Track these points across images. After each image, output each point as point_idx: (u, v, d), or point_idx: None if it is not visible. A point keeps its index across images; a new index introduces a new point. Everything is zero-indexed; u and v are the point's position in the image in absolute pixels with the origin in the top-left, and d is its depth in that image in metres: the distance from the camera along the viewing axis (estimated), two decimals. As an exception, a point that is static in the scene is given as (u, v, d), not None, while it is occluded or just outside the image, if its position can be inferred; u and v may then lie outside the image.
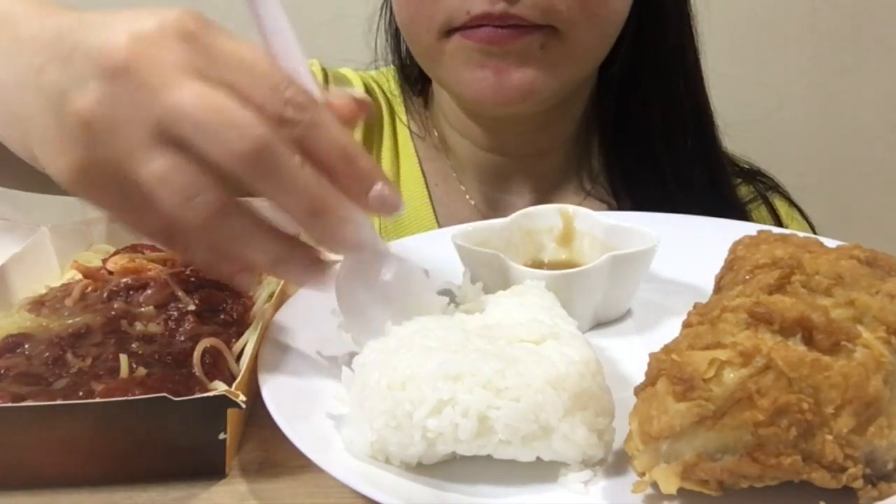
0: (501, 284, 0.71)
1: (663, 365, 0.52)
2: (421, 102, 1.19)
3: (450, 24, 0.93)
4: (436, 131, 1.17)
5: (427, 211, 1.13)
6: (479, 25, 0.91)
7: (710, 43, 1.10)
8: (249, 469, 0.60)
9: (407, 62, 1.15)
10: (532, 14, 0.90)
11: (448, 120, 1.14)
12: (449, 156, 1.16)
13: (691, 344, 0.53)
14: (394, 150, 1.16)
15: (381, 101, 1.18)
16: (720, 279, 0.65)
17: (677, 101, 1.08)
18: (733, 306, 0.55)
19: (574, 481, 0.54)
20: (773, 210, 1.15)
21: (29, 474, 0.58)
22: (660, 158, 1.08)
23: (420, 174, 1.15)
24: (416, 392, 0.53)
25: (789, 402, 0.48)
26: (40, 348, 0.64)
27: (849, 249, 0.61)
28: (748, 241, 0.65)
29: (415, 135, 1.17)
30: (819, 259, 0.59)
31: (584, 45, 0.96)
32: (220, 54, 0.54)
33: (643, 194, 1.07)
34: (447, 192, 1.15)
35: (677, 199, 1.00)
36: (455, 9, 0.91)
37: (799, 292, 0.56)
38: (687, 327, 0.56)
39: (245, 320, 0.69)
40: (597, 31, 0.96)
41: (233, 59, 0.54)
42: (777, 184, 1.19)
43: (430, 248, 0.83)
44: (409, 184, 1.14)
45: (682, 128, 1.08)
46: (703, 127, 1.10)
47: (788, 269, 0.58)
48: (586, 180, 1.13)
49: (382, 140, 1.16)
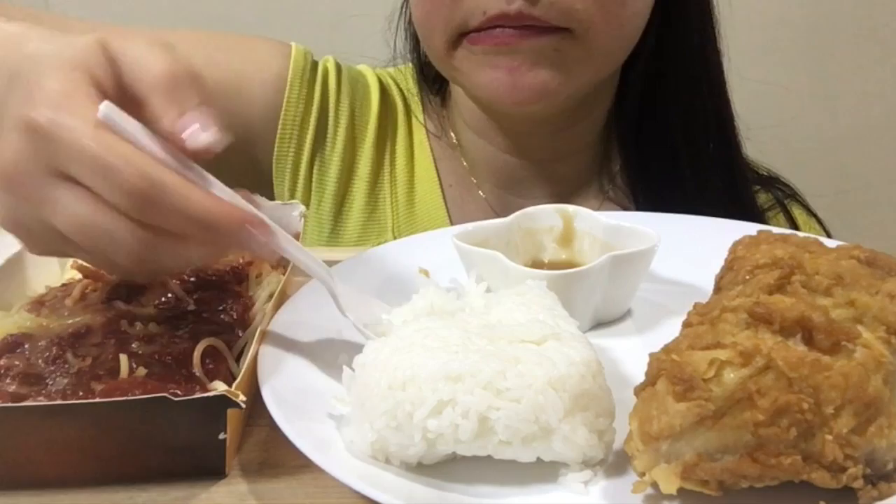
0: (501, 284, 0.71)
1: (663, 365, 0.52)
2: (438, 102, 1.18)
3: (466, 26, 0.92)
4: (452, 132, 1.16)
5: (441, 212, 1.12)
6: (493, 27, 0.91)
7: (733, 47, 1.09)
8: (249, 469, 0.60)
9: (425, 61, 1.14)
10: (549, 15, 0.89)
11: (465, 121, 1.13)
12: (465, 157, 1.15)
13: (691, 344, 0.53)
14: (409, 148, 1.16)
15: (397, 99, 1.17)
16: (720, 279, 0.65)
17: (699, 104, 1.07)
18: (733, 306, 0.55)
19: (574, 481, 0.54)
20: (791, 218, 1.14)
21: (29, 474, 0.58)
22: (680, 162, 1.07)
23: (435, 174, 1.14)
24: (416, 393, 0.53)
25: (789, 402, 0.48)
26: (40, 348, 0.64)
27: (849, 249, 0.61)
28: (748, 241, 0.65)
29: (431, 134, 1.16)
30: (819, 259, 0.59)
31: (601, 49, 0.95)
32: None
33: (663, 197, 1.06)
34: (462, 193, 1.14)
35: (697, 203, 0.99)
36: (472, 9, 0.91)
37: (799, 292, 0.56)
38: (687, 327, 0.56)
39: (245, 320, 0.69)
40: (614, 34, 0.95)
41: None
42: (795, 192, 1.17)
43: (430, 248, 0.83)
44: (423, 183, 1.14)
45: (704, 131, 1.07)
46: (725, 131, 1.09)
47: (788, 269, 0.58)
48: (606, 183, 1.12)
49: (397, 138, 1.16)
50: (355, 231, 1.11)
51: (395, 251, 0.84)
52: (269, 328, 0.68)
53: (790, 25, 1.75)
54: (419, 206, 1.12)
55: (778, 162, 1.20)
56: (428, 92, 1.17)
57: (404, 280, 0.80)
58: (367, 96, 1.14)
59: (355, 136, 1.12)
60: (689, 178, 1.07)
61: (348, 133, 1.11)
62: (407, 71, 1.20)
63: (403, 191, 1.13)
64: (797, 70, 1.76)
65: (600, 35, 0.92)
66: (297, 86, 1.08)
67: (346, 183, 1.11)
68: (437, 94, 1.18)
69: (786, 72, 1.75)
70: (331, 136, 1.11)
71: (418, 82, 1.17)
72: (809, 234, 0.78)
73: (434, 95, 1.17)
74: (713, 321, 0.54)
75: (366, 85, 1.16)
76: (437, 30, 0.95)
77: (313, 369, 0.65)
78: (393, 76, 1.20)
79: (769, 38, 1.74)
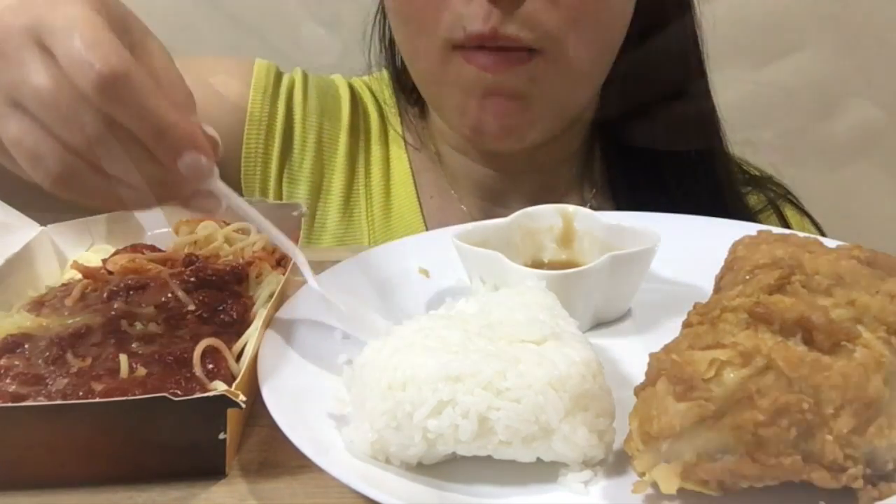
0: (501, 284, 0.71)
1: (663, 365, 0.52)
2: (416, 112, 1.16)
3: (450, 43, 0.91)
4: (431, 144, 1.15)
5: (418, 224, 1.11)
6: (477, 47, 0.90)
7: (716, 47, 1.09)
8: (249, 469, 0.60)
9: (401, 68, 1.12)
10: (522, 33, 0.88)
11: (443, 134, 1.12)
12: (445, 169, 1.14)
13: (691, 344, 0.53)
14: (385, 160, 1.14)
15: (371, 109, 1.16)
16: (720, 279, 0.65)
17: (679, 108, 1.06)
18: (733, 306, 0.55)
19: (574, 481, 0.54)
20: (784, 219, 1.13)
21: (29, 474, 0.58)
22: (663, 169, 1.06)
23: (412, 186, 1.13)
24: (416, 393, 0.53)
25: (789, 402, 0.48)
26: (40, 348, 0.64)
27: (849, 250, 0.61)
28: (748, 241, 0.65)
29: (409, 146, 1.15)
30: (819, 259, 0.59)
31: (578, 69, 0.94)
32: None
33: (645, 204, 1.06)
34: (442, 205, 1.13)
35: (682, 208, 0.99)
36: (452, 25, 0.90)
37: (799, 292, 0.56)
38: (687, 327, 0.56)
39: (245, 320, 0.69)
40: (589, 51, 0.94)
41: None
42: (788, 191, 1.16)
43: (430, 248, 0.83)
44: (400, 196, 1.13)
45: (685, 135, 1.06)
46: (709, 137, 1.09)
47: (788, 269, 0.58)
48: (587, 191, 1.11)
49: (371, 149, 1.14)
50: (331, 245, 1.10)
51: (395, 251, 0.84)
52: (269, 328, 0.68)
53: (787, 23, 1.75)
54: (395, 219, 1.11)
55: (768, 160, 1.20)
56: (406, 102, 1.15)
57: (404, 280, 0.80)
58: (337, 107, 1.13)
59: (325, 149, 1.11)
60: (673, 183, 1.06)
61: (317, 147, 1.11)
62: (383, 79, 1.18)
63: (379, 203, 1.12)
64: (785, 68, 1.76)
65: (574, 54, 0.92)
66: (259, 103, 1.07)
67: (317, 198, 1.10)
68: (415, 105, 1.16)
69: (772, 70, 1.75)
70: (298, 151, 1.10)
71: (395, 92, 1.15)
72: (809, 235, 0.78)
73: (412, 106, 1.16)
74: (713, 321, 0.54)
75: (336, 96, 1.14)
76: (422, 51, 0.95)
77: (313, 369, 0.65)
78: (368, 84, 1.18)
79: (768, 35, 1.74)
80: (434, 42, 0.92)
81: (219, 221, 0.85)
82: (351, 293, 0.77)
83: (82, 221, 0.87)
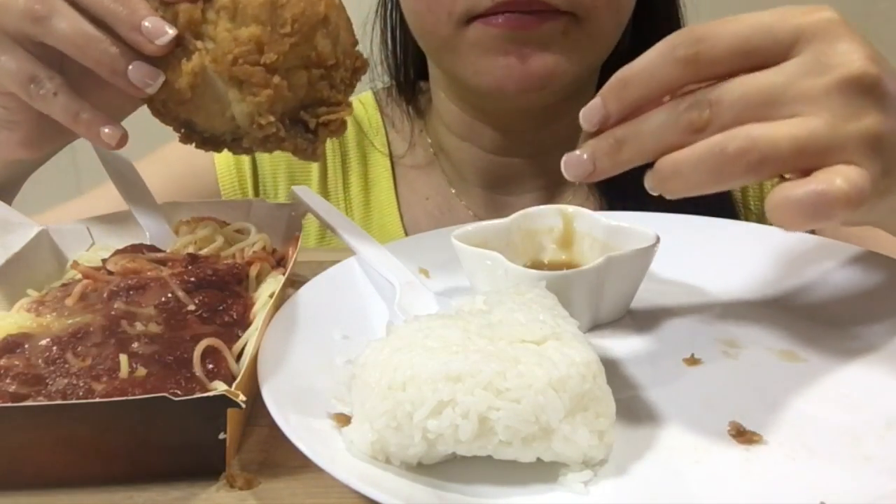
0: (501, 285, 0.71)
1: None
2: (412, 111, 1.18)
3: (471, 13, 0.93)
4: (430, 141, 1.16)
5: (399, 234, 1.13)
6: (500, 12, 0.91)
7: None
8: (249, 469, 0.59)
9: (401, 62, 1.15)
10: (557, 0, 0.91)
11: (447, 125, 1.13)
12: (449, 162, 1.15)
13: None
14: (364, 177, 1.17)
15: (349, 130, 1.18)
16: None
17: None
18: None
19: (574, 481, 0.54)
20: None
21: (29, 474, 0.58)
22: None
23: (394, 198, 1.15)
24: (416, 393, 0.53)
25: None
26: (40, 348, 0.64)
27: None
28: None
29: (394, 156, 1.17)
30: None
31: (603, 31, 0.97)
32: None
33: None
34: (440, 204, 1.15)
35: (682, 208, 1.01)
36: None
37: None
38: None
39: (245, 320, 0.69)
40: (614, 18, 0.98)
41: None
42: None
43: (430, 248, 0.83)
44: (380, 210, 1.15)
45: None
46: None
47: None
48: None
49: (351, 166, 1.17)
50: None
51: (395, 251, 0.84)
52: (269, 328, 0.68)
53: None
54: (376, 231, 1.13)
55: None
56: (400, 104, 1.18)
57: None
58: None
59: (297, 177, 1.15)
60: None
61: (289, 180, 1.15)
62: (364, 97, 1.21)
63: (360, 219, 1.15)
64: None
65: (602, 18, 0.95)
66: (224, 162, 1.12)
67: None
68: (410, 104, 1.18)
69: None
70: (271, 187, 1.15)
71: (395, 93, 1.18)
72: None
73: (408, 104, 1.18)
74: None
75: None
76: (441, 19, 0.95)
77: (313, 369, 0.65)
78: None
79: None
80: (452, 15, 0.94)
81: (219, 221, 0.85)
82: (352, 290, 0.78)
83: (82, 221, 0.87)
